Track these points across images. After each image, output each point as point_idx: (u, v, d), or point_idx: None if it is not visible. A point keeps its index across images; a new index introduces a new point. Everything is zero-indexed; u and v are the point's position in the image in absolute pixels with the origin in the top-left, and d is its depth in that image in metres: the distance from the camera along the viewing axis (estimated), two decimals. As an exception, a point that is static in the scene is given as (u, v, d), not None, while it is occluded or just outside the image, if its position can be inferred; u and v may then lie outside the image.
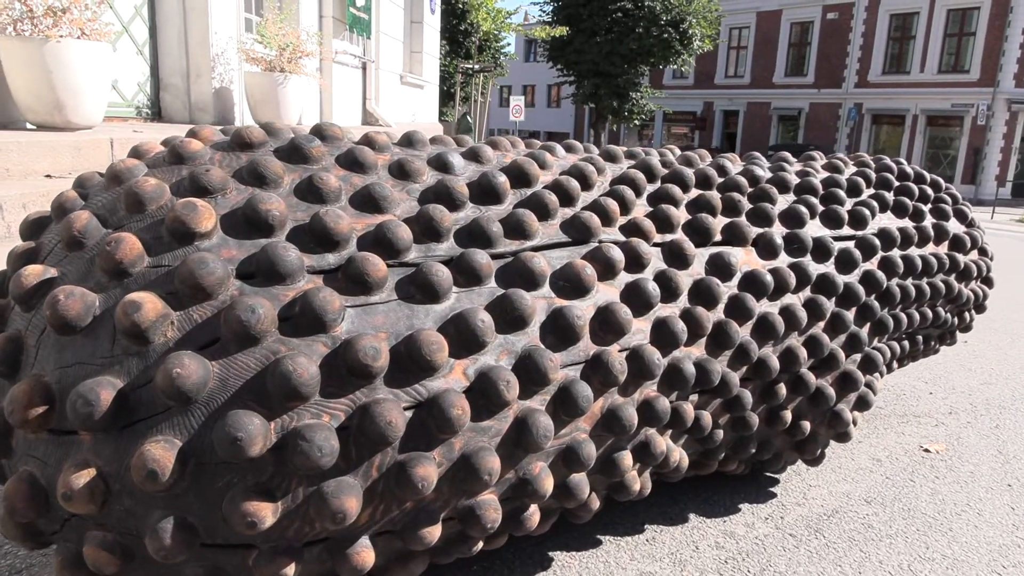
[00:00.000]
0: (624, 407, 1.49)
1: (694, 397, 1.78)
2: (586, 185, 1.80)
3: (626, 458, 1.57)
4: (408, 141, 1.69)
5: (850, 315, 2.12)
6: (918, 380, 3.63)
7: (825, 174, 2.54)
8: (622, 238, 1.72)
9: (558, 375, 1.38)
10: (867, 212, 2.36)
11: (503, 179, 1.60)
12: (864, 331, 2.22)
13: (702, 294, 1.76)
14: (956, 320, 2.90)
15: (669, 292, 1.68)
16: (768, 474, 2.45)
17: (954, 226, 2.79)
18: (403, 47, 12.33)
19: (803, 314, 1.96)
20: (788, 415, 2.07)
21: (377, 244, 1.35)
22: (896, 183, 2.70)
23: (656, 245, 1.79)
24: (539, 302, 1.45)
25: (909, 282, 2.44)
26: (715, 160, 2.31)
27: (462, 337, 1.29)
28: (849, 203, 2.43)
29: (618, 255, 1.59)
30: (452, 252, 1.44)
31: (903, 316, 2.42)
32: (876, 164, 2.83)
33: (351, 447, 1.17)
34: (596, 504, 1.64)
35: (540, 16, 26.67)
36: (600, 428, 1.50)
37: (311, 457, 1.09)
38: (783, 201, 2.25)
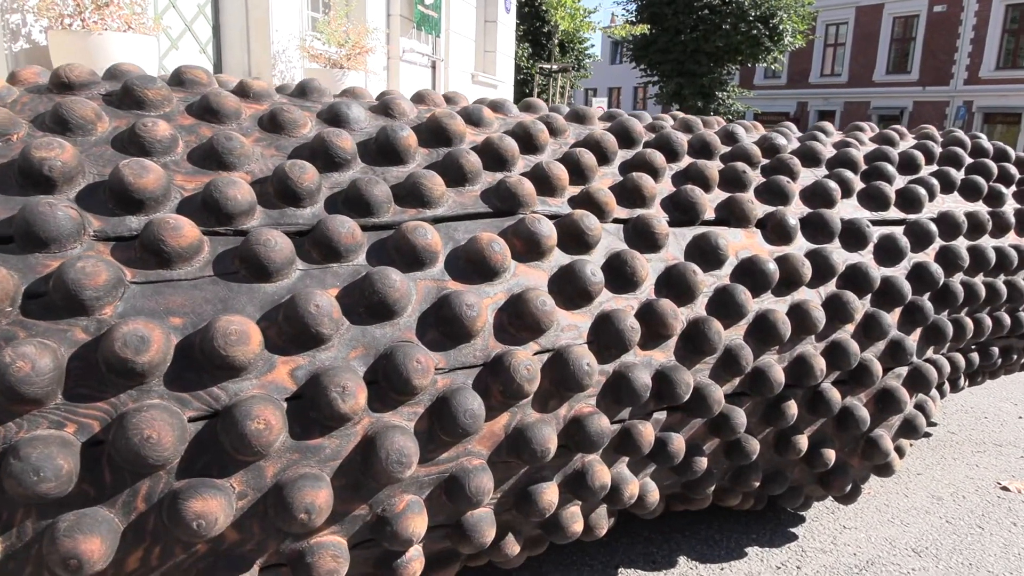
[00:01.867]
0: (537, 426, 1.14)
1: (661, 415, 1.40)
2: (531, 147, 1.45)
3: (548, 492, 1.21)
4: (301, 91, 1.39)
5: (890, 317, 1.68)
6: (1005, 400, 3.05)
7: (872, 146, 2.09)
8: (567, 211, 1.36)
9: (429, 381, 1.04)
10: (923, 191, 1.90)
11: (407, 134, 1.27)
12: (912, 338, 1.77)
13: (673, 284, 1.38)
14: (1048, 329, 2.37)
15: (623, 279, 1.31)
16: (791, 510, 2.01)
17: (1045, 213, 2.27)
18: (475, 46, 12.15)
19: (820, 314, 1.54)
20: (803, 441, 1.65)
21: (204, 207, 1.05)
22: (968, 160, 2.21)
23: (618, 222, 1.42)
24: (425, 285, 1.12)
25: (978, 279, 1.96)
26: (725, 127, 1.91)
27: (292, 327, 0.98)
28: (900, 181, 1.98)
29: (547, 229, 1.24)
30: (317, 220, 1.12)
31: (969, 322, 1.94)
32: (945, 138, 2.34)
33: (104, 469, 0.87)
34: (515, 549, 1.28)
35: (624, 16, 25.98)
36: (504, 452, 1.15)
37: (23, 482, 0.80)
38: (810, 175, 1.83)
